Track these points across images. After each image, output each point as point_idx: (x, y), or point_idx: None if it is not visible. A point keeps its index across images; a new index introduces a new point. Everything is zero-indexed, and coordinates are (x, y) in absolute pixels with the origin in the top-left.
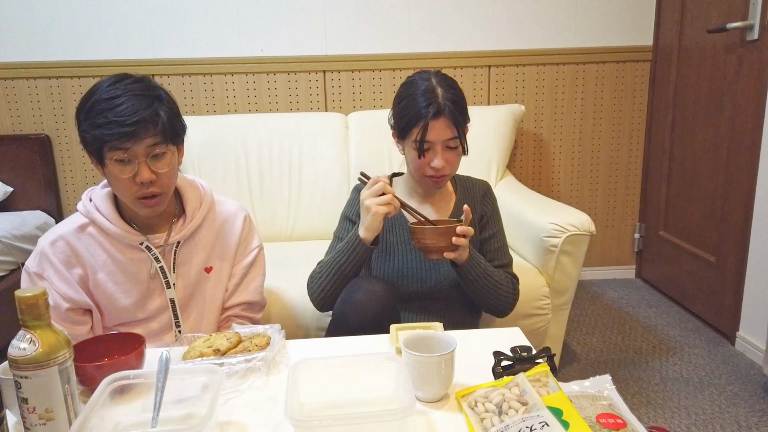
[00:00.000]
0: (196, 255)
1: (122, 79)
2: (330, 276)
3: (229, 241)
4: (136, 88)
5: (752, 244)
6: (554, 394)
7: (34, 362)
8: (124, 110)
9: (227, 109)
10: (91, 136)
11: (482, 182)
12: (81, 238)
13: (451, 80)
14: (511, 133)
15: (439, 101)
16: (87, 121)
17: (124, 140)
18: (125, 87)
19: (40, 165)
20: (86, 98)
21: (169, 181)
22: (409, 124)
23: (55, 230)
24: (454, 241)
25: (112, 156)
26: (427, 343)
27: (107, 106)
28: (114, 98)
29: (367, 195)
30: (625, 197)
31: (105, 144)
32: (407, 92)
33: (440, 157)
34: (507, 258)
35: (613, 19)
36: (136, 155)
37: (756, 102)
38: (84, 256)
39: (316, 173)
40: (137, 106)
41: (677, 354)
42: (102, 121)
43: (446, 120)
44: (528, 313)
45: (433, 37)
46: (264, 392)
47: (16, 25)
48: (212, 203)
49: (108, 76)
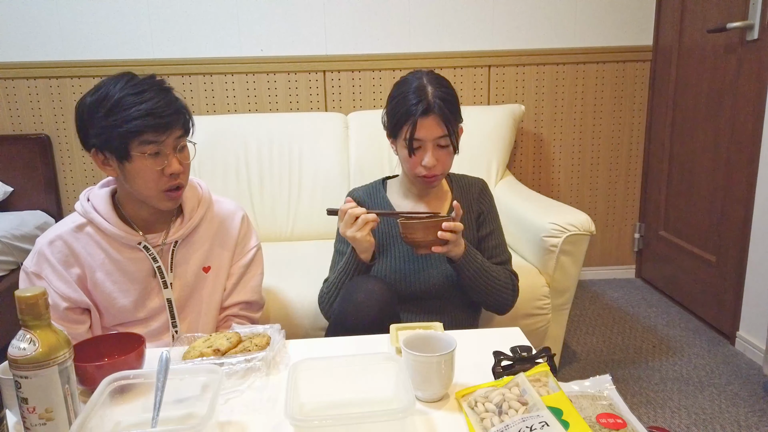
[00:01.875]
0: (194, 255)
1: (132, 77)
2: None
3: (227, 240)
4: (156, 83)
5: (752, 244)
6: (554, 394)
7: (34, 362)
8: (158, 103)
9: (227, 109)
10: (123, 130)
11: (478, 180)
12: (79, 238)
13: (443, 79)
14: (510, 133)
15: (428, 99)
16: (114, 116)
17: (160, 132)
18: (145, 83)
19: (40, 165)
20: (102, 98)
21: (188, 173)
22: (400, 122)
23: (53, 230)
24: (440, 235)
25: (143, 150)
26: (427, 343)
27: (138, 100)
28: (141, 92)
29: (344, 228)
30: (625, 197)
31: (136, 138)
32: (398, 91)
33: (431, 155)
34: (506, 255)
35: (613, 19)
36: (167, 147)
37: (756, 102)
38: (82, 255)
39: (316, 173)
40: (167, 99)
41: (677, 354)
42: (138, 114)
43: (436, 118)
44: (528, 313)
45: (433, 37)
46: (264, 392)
47: (16, 25)
48: (210, 203)
49: (110, 77)
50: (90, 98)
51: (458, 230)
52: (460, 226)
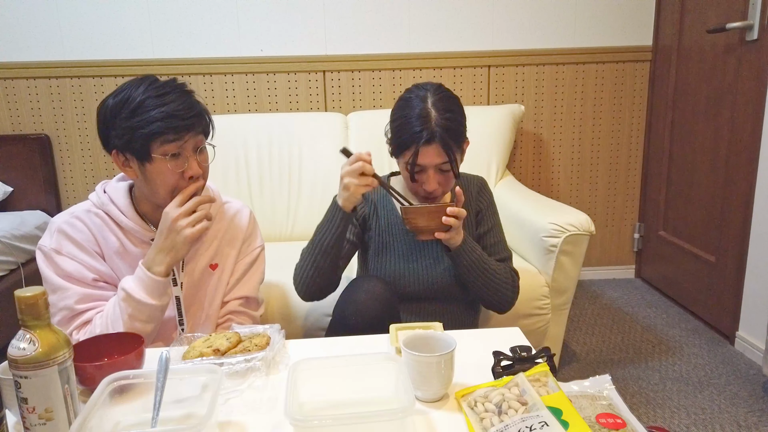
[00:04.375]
0: (204, 253)
1: (155, 80)
2: (312, 255)
3: (235, 237)
4: (178, 86)
5: (752, 244)
6: (554, 394)
7: (34, 362)
8: (181, 105)
9: (227, 109)
10: (145, 131)
11: (477, 178)
12: (94, 222)
13: (448, 100)
14: (510, 133)
15: (431, 127)
16: (137, 117)
17: (183, 133)
18: (168, 86)
19: (40, 165)
20: (124, 100)
21: (207, 175)
22: (402, 146)
23: (68, 212)
24: (444, 220)
25: (164, 150)
26: (426, 343)
27: (160, 102)
28: (164, 95)
29: (346, 172)
30: (625, 197)
31: (158, 138)
32: (402, 113)
33: (432, 180)
34: (506, 252)
35: (612, 19)
36: (187, 149)
37: (755, 102)
38: (99, 237)
39: (316, 173)
40: (189, 101)
41: (677, 354)
42: (160, 115)
43: (438, 147)
44: (528, 313)
45: (432, 37)
46: (264, 392)
47: (16, 25)
48: (221, 203)
49: (133, 80)
50: (112, 100)
51: (461, 216)
52: (463, 212)
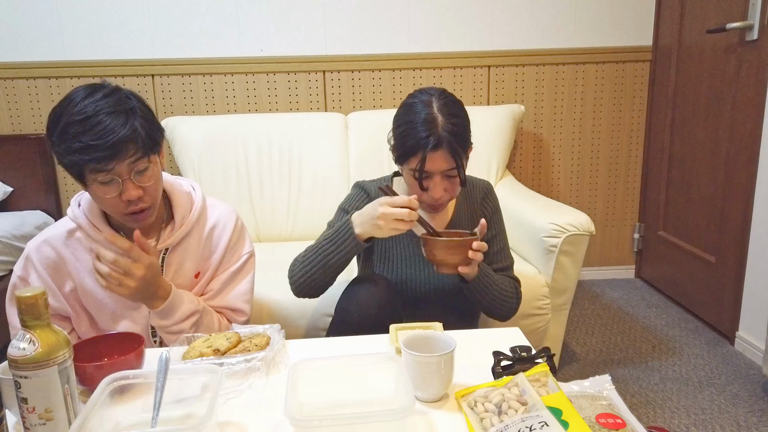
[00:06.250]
0: (186, 262)
1: (92, 93)
2: (314, 262)
3: (218, 247)
4: (108, 104)
5: (752, 244)
6: (554, 394)
7: (34, 362)
8: (101, 131)
9: (227, 109)
10: (68, 161)
11: (483, 182)
12: (68, 244)
13: (453, 105)
14: (510, 133)
15: (438, 133)
16: (62, 145)
17: (105, 162)
18: (96, 105)
19: (39, 165)
20: (57, 116)
21: (156, 192)
22: (407, 153)
23: (42, 234)
24: (471, 255)
25: (94, 178)
26: (426, 343)
27: (81, 129)
28: (87, 119)
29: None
30: (625, 197)
31: (85, 167)
32: (407, 118)
33: (439, 186)
34: (508, 260)
35: (612, 19)
36: (120, 174)
37: (755, 102)
38: (70, 262)
39: (316, 173)
40: (113, 124)
41: (677, 354)
42: (78, 146)
43: (445, 153)
44: (528, 313)
45: (432, 37)
46: (264, 392)
47: (16, 25)
48: (203, 209)
49: (80, 87)
50: (50, 117)
51: (484, 250)
52: (485, 246)
